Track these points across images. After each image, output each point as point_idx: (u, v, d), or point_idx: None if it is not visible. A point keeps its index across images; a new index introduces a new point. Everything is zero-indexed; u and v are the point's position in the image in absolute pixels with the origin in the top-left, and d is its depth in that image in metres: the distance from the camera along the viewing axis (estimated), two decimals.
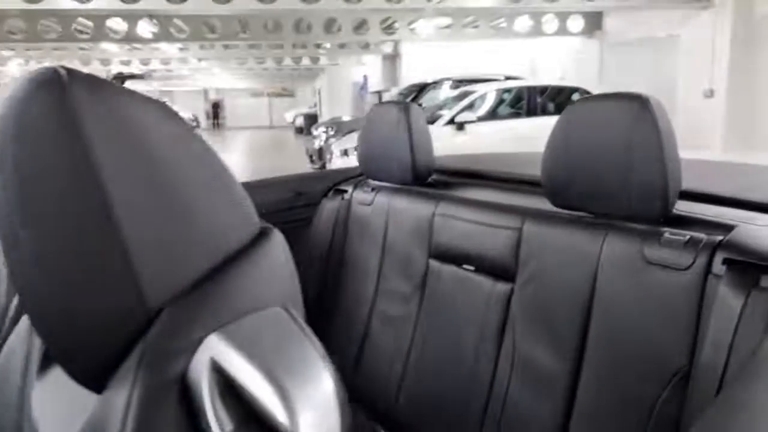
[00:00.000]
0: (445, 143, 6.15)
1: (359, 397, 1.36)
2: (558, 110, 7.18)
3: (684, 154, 0.93)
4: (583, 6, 7.65)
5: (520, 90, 7.04)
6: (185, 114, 21.36)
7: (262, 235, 0.44)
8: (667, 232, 0.87)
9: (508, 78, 8.00)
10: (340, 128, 7.98)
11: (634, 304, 0.89)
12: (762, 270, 0.75)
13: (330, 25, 10.36)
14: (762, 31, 6.69)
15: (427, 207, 1.28)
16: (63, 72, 0.34)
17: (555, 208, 1.04)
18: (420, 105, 8.42)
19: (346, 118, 9.75)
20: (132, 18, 9.46)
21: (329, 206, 1.54)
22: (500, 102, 7.18)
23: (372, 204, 1.43)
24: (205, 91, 31.64)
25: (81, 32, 10.14)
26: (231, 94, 32.17)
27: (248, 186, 1.66)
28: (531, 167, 1.13)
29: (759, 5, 6.71)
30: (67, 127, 0.34)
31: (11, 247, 0.36)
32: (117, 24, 9.80)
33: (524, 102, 6.88)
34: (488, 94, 6.92)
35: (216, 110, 32.02)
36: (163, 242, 0.36)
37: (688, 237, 0.85)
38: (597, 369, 0.93)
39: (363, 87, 14.60)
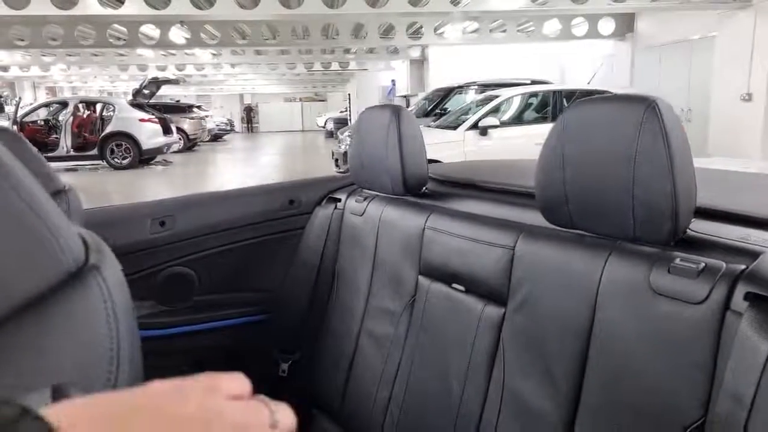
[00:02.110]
0: (468, 148, 6.07)
1: (347, 420, 1.30)
2: None
3: (717, 163, 0.79)
4: (611, 8, 7.44)
5: (546, 94, 6.89)
6: (220, 118, 21.78)
7: (76, 277, 0.39)
8: (679, 258, 0.75)
9: (534, 82, 7.85)
10: None
11: (638, 340, 0.76)
12: None
13: (357, 30, 10.40)
14: None
15: (417, 219, 1.20)
16: None
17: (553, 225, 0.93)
18: (445, 109, 8.35)
19: None
20: (164, 24, 9.70)
21: (322, 214, 1.48)
22: (526, 107, 7.05)
23: (363, 214, 1.36)
24: (241, 96, 32.23)
25: (117, 39, 10.47)
26: (265, 99, 32.67)
27: (242, 193, 1.66)
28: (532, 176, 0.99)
29: None
30: None
31: None
32: (150, 30, 10.08)
33: (550, 107, 6.73)
34: (513, 99, 6.79)
35: (249, 114, 32.55)
36: None
37: (703, 264, 0.72)
38: (595, 414, 0.81)
39: (390, 91, 14.61)
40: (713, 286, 0.70)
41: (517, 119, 6.84)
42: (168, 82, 12.42)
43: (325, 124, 23.19)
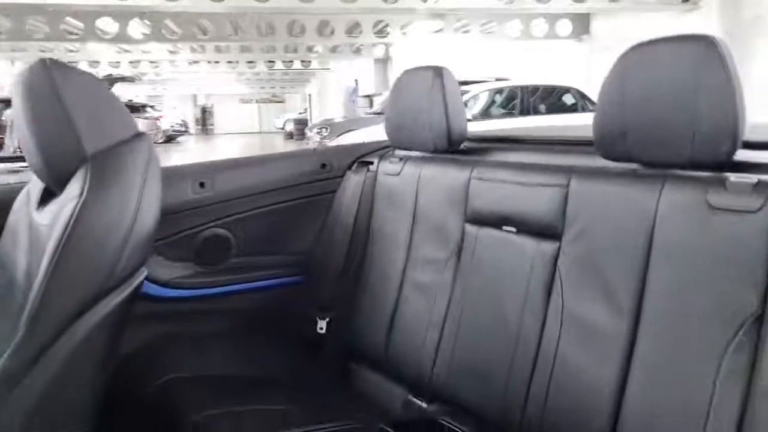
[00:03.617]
0: None
1: (392, 368, 1.31)
2: (549, 110, 7.30)
3: None
4: (574, 7, 7.76)
5: (512, 91, 7.12)
6: (174, 119, 21.22)
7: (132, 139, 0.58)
8: (733, 176, 0.83)
9: (498, 80, 8.08)
10: (333, 129, 8.06)
11: (697, 251, 0.84)
12: None
13: (323, 27, 10.40)
14: (749, 33, 6.83)
15: (461, 172, 1.23)
16: None
17: (604, 163, 1.00)
18: None
19: (338, 119, 9.78)
20: (123, 17, 9.42)
21: (354, 178, 1.50)
22: (492, 103, 7.26)
23: (400, 174, 1.38)
24: (194, 97, 31.49)
25: (70, 33, 10.07)
26: (220, 100, 32.04)
27: (276, 157, 1.68)
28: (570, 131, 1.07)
29: (745, 7, 6.86)
30: None
31: None
32: (107, 24, 9.75)
33: (516, 102, 6.96)
34: (480, 95, 6.98)
35: (204, 116, 31.85)
36: None
37: (756, 179, 0.81)
38: (657, 321, 0.88)
39: (354, 91, 14.65)
40: None
41: (485, 115, 7.03)
42: (123, 79, 12.01)
43: (284, 125, 23.04)
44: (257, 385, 1.31)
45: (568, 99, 7.21)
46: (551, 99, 6.94)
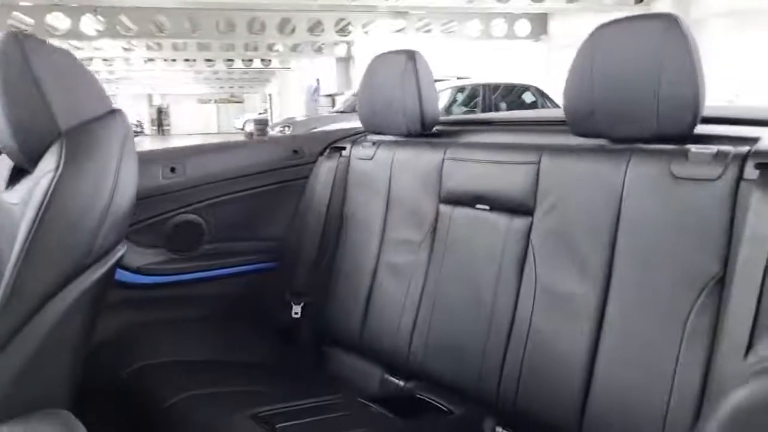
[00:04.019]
0: None
1: (368, 350, 1.32)
2: (510, 108, 7.46)
3: None
4: (532, 7, 7.96)
5: (473, 89, 7.24)
6: (129, 119, 20.53)
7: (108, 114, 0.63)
8: (694, 148, 0.89)
9: (459, 78, 8.20)
10: (296, 127, 7.97)
11: (663, 219, 0.89)
12: None
13: (284, 25, 10.31)
14: (699, 35, 7.15)
15: (435, 154, 1.25)
16: None
17: (573, 141, 1.04)
18: None
19: (300, 118, 9.71)
20: (75, 13, 9.09)
21: (326, 163, 1.51)
22: (454, 101, 7.36)
23: (373, 158, 1.40)
24: (150, 97, 30.65)
25: (18, 29, 9.65)
26: (177, 100, 31.30)
27: (248, 143, 1.66)
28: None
29: (693, 10, 7.18)
30: None
31: None
32: (58, 20, 9.39)
33: (478, 100, 7.08)
34: (442, 93, 7.07)
35: (160, 116, 31.05)
36: None
37: (716, 149, 0.86)
38: (626, 287, 0.92)
39: (316, 90, 14.58)
40: (727, 164, 0.85)
41: (447, 113, 7.12)
42: None
43: (244, 125, 22.73)
44: (232, 369, 1.31)
45: (528, 97, 7.38)
46: (511, 97, 7.09)
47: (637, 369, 0.89)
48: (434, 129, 1.39)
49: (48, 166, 0.83)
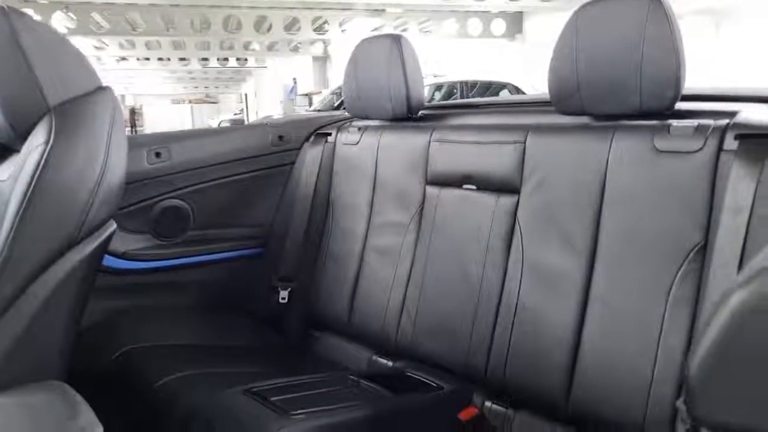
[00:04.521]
0: None
1: (357, 332, 1.33)
2: None
3: None
4: (508, 5, 8.05)
5: (451, 86, 7.29)
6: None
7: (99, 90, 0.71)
8: (675, 122, 0.92)
9: (435, 76, 8.24)
10: None
11: (646, 192, 0.92)
12: None
13: (260, 23, 10.23)
14: None
15: (421, 137, 1.27)
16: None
17: (558, 120, 1.07)
18: None
19: (277, 116, 9.66)
20: (46, 10, 8.88)
21: (312, 149, 1.52)
22: (432, 99, 7.39)
23: (358, 144, 1.41)
24: (122, 97, 30.06)
25: None
26: (150, 101, 30.77)
27: (233, 129, 1.66)
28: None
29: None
30: None
31: None
32: None
33: (456, 97, 7.13)
34: None
35: (133, 117, 30.44)
36: None
37: (696, 123, 0.90)
38: (611, 259, 0.94)
39: (292, 90, 14.49)
40: (707, 136, 0.88)
41: None
42: None
43: (220, 125, 22.46)
44: (220, 353, 1.31)
45: (505, 95, 7.46)
46: (489, 94, 7.15)
47: (622, 339, 0.91)
48: (420, 113, 1.41)
49: (38, 140, 0.82)
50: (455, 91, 7.21)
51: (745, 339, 0.29)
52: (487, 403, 1.08)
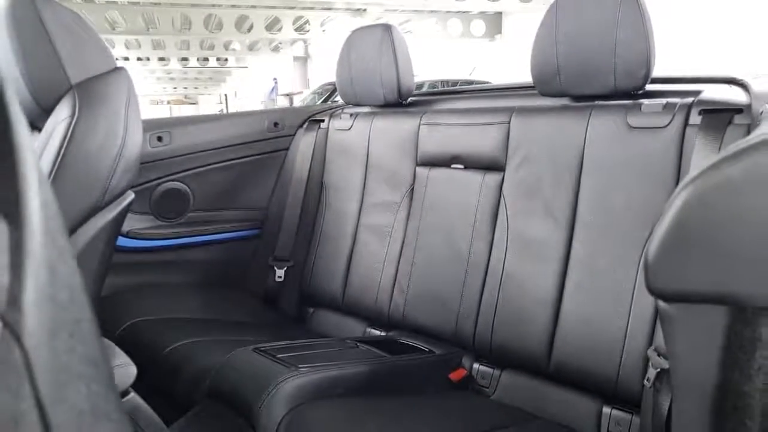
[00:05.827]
0: None
1: (351, 307, 1.40)
2: None
3: None
4: (489, 5, 8.19)
5: (432, 85, 7.41)
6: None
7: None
8: (646, 101, 1.02)
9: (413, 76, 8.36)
10: None
11: (620, 165, 1.01)
12: (734, 112, 0.92)
13: (242, 23, 10.23)
14: None
15: (411, 121, 1.35)
16: None
17: (540, 102, 1.16)
18: (336, 102, 8.55)
19: None
20: None
21: (305, 134, 1.59)
22: None
23: (351, 129, 1.48)
24: None
25: None
26: None
27: (231, 115, 1.72)
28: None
29: None
30: None
31: None
32: None
33: None
34: None
35: None
36: None
37: (665, 101, 1.00)
38: (588, 227, 1.03)
39: (273, 90, 14.50)
40: (675, 113, 0.99)
41: None
42: None
43: None
44: (222, 325, 1.37)
45: None
46: None
47: (599, 299, 1.00)
48: (409, 99, 1.49)
49: (63, 114, 0.89)
50: (436, 89, 7.34)
51: (693, 221, 0.38)
52: (476, 365, 1.16)
